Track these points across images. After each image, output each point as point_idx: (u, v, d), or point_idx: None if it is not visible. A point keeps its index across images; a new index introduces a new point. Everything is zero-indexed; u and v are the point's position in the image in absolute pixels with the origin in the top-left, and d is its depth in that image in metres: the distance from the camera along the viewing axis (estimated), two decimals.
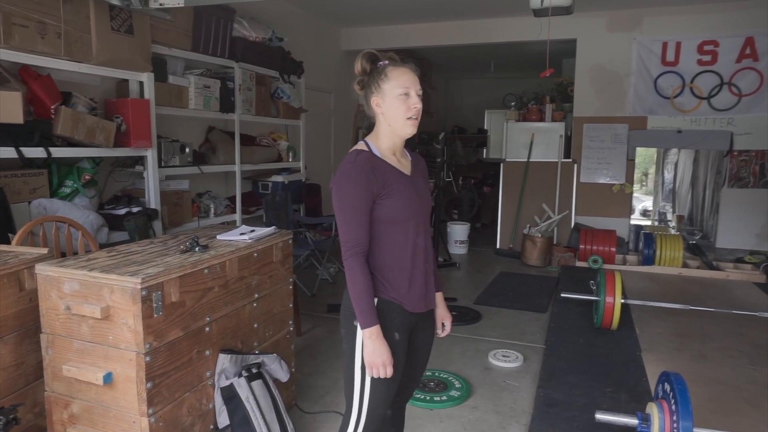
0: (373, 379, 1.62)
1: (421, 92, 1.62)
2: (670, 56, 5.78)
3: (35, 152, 2.75)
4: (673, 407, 2.07)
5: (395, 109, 1.59)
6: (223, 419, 2.10)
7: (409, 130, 1.62)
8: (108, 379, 1.81)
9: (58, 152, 2.86)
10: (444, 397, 2.85)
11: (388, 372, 1.57)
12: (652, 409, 2.18)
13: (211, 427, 2.12)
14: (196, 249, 2.13)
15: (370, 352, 1.56)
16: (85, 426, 1.91)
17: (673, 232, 6.94)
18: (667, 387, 2.18)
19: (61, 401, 1.95)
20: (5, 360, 1.91)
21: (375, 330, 1.55)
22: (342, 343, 1.70)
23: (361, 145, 1.66)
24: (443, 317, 1.85)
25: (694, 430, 2.00)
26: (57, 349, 1.91)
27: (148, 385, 1.79)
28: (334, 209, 1.59)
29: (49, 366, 1.94)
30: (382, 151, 1.65)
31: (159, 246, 2.23)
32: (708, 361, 3.29)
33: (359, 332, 1.60)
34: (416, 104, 1.59)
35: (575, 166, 6.27)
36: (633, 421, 2.20)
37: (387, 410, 1.73)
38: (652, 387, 2.79)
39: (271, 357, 2.33)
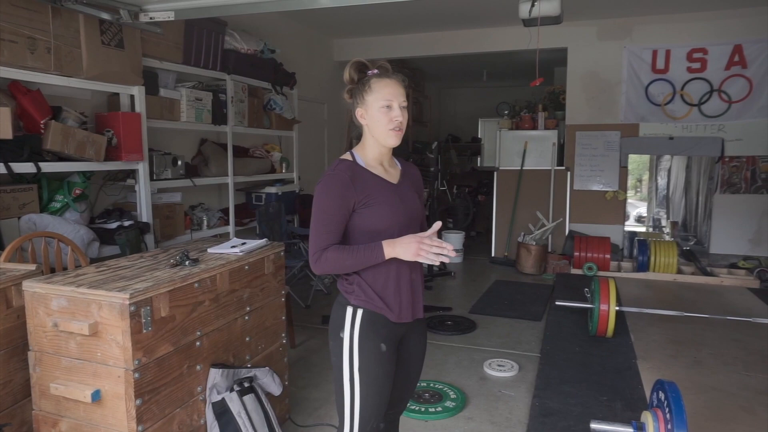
0: (362, 392, 1.61)
1: (405, 104, 1.62)
2: (660, 64, 5.83)
3: (25, 167, 2.73)
4: (668, 416, 2.06)
5: (377, 121, 1.60)
6: None
7: (392, 141, 1.62)
8: (96, 396, 1.79)
9: (48, 167, 2.84)
10: (439, 408, 2.83)
11: (441, 248, 1.50)
12: (647, 418, 2.16)
13: None
14: (186, 263, 2.11)
15: (405, 252, 1.51)
16: None
17: (667, 238, 6.96)
18: (662, 395, 2.17)
19: (50, 420, 1.92)
20: None
21: (384, 245, 1.53)
22: (331, 356, 1.68)
23: (346, 155, 1.68)
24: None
25: None
26: (45, 366, 1.89)
27: (138, 402, 1.77)
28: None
29: (36, 384, 1.92)
30: (368, 161, 1.66)
31: (149, 260, 2.22)
32: (703, 367, 3.28)
33: (346, 344, 1.61)
34: (398, 116, 1.59)
35: (568, 173, 6.29)
36: (628, 430, 2.18)
37: (380, 423, 1.72)
38: (648, 395, 2.77)
39: (263, 371, 2.31)
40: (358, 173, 1.61)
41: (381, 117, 1.59)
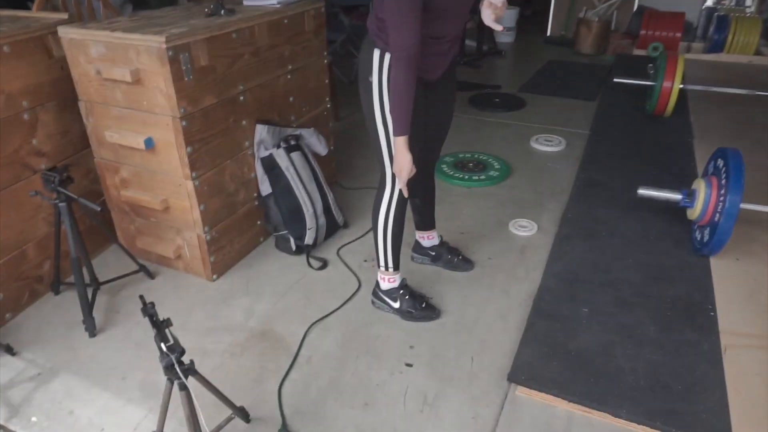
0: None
1: None
2: None
3: None
4: (723, 182, 2.00)
5: None
6: (265, 188, 2.16)
7: None
8: (149, 144, 1.84)
9: None
10: (482, 177, 2.85)
11: (408, 173, 1.56)
12: (699, 184, 2.12)
13: (255, 194, 2.20)
14: (222, 12, 1.97)
15: (395, 162, 1.55)
16: (136, 189, 2.01)
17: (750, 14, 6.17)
18: (720, 163, 2.08)
19: (111, 167, 2.02)
20: (50, 128, 1.94)
21: (400, 140, 1.50)
22: (361, 102, 1.62)
23: None
24: None
25: (741, 205, 1.95)
26: (96, 116, 1.92)
27: (188, 149, 1.81)
28: (385, 7, 1.39)
29: (93, 133, 1.98)
30: None
31: (182, 11, 2.08)
32: (766, 147, 3.12)
33: (375, 88, 1.54)
34: None
35: None
36: (676, 196, 2.16)
37: (416, 168, 1.69)
38: (700, 172, 2.70)
39: (308, 131, 2.31)
40: None
41: None
